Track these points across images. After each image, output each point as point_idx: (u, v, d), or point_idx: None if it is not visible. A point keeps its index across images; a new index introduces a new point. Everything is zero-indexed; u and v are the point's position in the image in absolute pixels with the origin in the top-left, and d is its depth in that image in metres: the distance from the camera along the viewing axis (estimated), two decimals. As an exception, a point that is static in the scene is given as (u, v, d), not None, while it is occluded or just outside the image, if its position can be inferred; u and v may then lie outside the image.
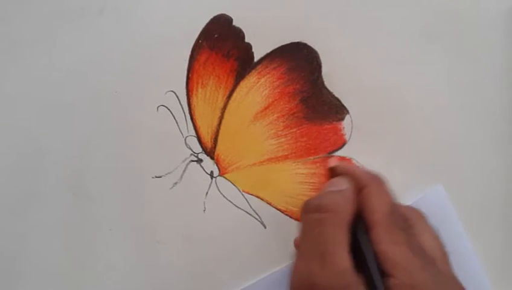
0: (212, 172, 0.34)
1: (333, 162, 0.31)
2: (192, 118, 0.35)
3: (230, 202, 0.34)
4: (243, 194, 0.34)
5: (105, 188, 0.34)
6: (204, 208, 0.34)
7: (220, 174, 0.34)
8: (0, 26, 0.36)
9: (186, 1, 0.36)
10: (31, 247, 0.33)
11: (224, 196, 0.34)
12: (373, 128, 0.34)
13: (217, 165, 0.34)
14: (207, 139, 0.35)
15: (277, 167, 0.34)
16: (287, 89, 0.35)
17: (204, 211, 0.34)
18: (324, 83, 0.35)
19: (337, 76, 0.35)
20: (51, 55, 0.35)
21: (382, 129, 0.34)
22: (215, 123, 0.35)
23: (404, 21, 0.35)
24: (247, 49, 0.35)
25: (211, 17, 0.35)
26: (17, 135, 0.35)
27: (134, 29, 0.36)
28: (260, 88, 0.35)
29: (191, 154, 0.34)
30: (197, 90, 0.35)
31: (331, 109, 0.34)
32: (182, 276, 0.33)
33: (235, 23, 0.35)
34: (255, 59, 0.35)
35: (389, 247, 0.24)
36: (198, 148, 0.34)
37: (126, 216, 0.34)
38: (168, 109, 0.35)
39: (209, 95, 0.35)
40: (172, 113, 0.35)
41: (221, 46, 0.35)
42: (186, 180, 0.34)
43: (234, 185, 0.34)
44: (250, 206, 0.34)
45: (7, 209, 0.34)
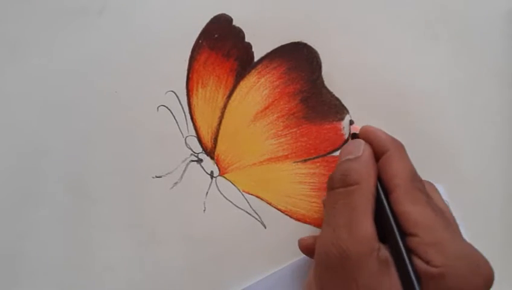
0: (212, 172, 0.34)
1: (355, 128, 0.31)
2: (192, 118, 0.35)
3: (230, 202, 0.34)
4: (243, 194, 0.34)
5: (105, 188, 0.34)
6: (204, 208, 0.34)
7: (220, 174, 0.34)
8: (0, 26, 0.36)
9: (186, 1, 0.36)
10: (30, 247, 0.33)
11: (224, 196, 0.34)
12: (373, 128, 0.34)
13: (217, 165, 0.34)
14: (207, 139, 0.35)
15: (277, 167, 0.34)
16: (287, 89, 0.35)
17: (204, 211, 0.34)
18: (324, 83, 0.35)
19: (337, 76, 0.35)
20: (51, 55, 0.35)
21: (382, 129, 0.34)
22: (215, 123, 0.35)
23: (404, 21, 0.35)
24: (247, 49, 0.35)
25: (211, 17, 0.35)
26: (17, 135, 0.35)
27: (134, 29, 0.36)
28: (260, 88, 0.35)
29: (191, 154, 0.34)
30: (197, 90, 0.35)
31: (331, 109, 0.34)
32: (182, 276, 0.33)
33: (235, 23, 0.35)
34: (255, 59, 0.35)
35: (411, 207, 0.25)
36: (198, 148, 0.34)
37: (126, 216, 0.34)
38: (168, 109, 0.35)
39: (209, 95, 0.35)
40: (172, 113, 0.35)
41: (221, 46, 0.35)
42: (186, 180, 0.34)
43: (234, 185, 0.34)
44: (250, 206, 0.34)
45: (7, 209, 0.34)
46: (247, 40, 0.35)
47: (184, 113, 0.35)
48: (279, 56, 0.35)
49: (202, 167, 0.34)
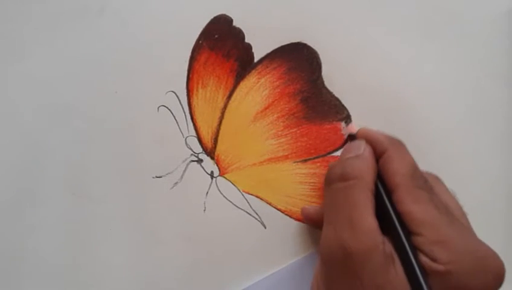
0: (212, 172, 0.34)
1: (352, 128, 0.31)
2: (192, 118, 0.35)
3: (230, 202, 0.34)
4: (243, 194, 0.34)
5: (105, 188, 0.34)
6: (204, 208, 0.34)
7: (220, 174, 0.34)
8: (0, 26, 0.36)
9: (186, 1, 0.36)
10: (30, 247, 0.33)
11: (224, 196, 0.34)
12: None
13: (217, 165, 0.34)
14: (207, 140, 0.35)
15: (277, 167, 0.34)
16: (287, 89, 0.35)
17: (204, 211, 0.34)
18: (324, 83, 0.35)
19: (337, 76, 0.35)
20: (51, 55, 0.35)
21: (382, 129, 0.34)
22: (216, 123, 0.35)
23: (404, 21, 0.35)
24: (247, 50, 0.35)
25: (211, 18, 0.35)
26: (17, 135, 0.35)
27: (134, 29, 0.36)
28: (260, 88, 0.35)
29: (191, 154, 0.34)
30: (197, 90, 0.35)
31: (331, 109, 0.34)
32: (181, 276, 0.33)
33: (235, 23, 0.35)
34: (255, 59, 0.35)
35: (413, 206, 0.24)
36: (198, 148, 0.34)
37: (126, 216, 0.34)
38: (169, 109, 0.35)
39: (210, 95, 0.35)
40: (172, 114, 0.35)
41: (222, 46, 0.35)
42: (187, 180, 0.34)
43: (234, 185, 0.34)
44: (250, 206, 0.34)
45: (7, 209, 0.34)
46: (247, 40, 0.35)
47: (184, 114, 0.35)
48: (279, 56, 0.35)
49: (202, 167, 0.34)
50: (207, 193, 0.34)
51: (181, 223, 0.33)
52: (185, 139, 0.34)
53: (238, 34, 0.35)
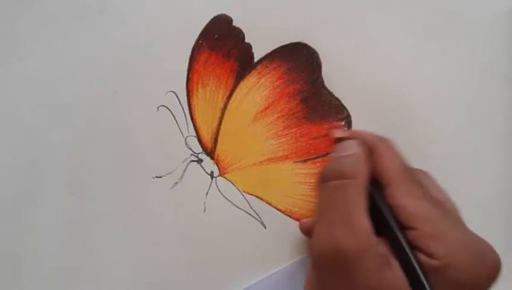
0: (212, 172, 0.34)
1: (339, 132, 0.31)
2: (192, 118, 0.35)
3: (230, 202, 0.34)
4: (243, 194, 0.34)
5: (105, 188, 0.34)
6: (204, 208, 0.34)
7: (220, 174, 0.34)
8: (0, 26, 0.36)
9: (186, 1, 0.36)
10: (30, 247, 0.33)
11: (224, 196, 0.34)
12: (373, 129, 0.34)
13: (217, 165, 0.34)
14: (207, 139, 0.35)
15: (277, 167, 0.34)
16: (287, 89, 0.35)
17: (204, 211, 0.34)
18: (324, 83, 0.35)
19: (337, 76, 0.35)
20: (51, 55, 0.35)
21: (382, 129, 0.34)
22: (215, 123, 0.35)
23: (404, 21, 0.35)
24: (247, 50, 0.35)
25: (211, 18, 0.35)
26: (17, 134, 0.35)
27: (134, 29, 0.36)
28: (260, 88, 0.35)
29: (191, 154, 0.34)
30: (197, 90, 0.35)
31: (331, 109, 0.34)
32: (181, 276, 0.33)
33: (235, 23, 0.35)
34: (255, 59, 0.35)
35: (407, 200, 0.24)
36: (198, 148, 0.34)
37: (126, 216, 0.34)
38: (169, 109, 0.35)
39: (209, 95, 0.35)
40: (172, 114, 0.35)
41: (221, 46, 0.35)
42: (187, 180, 0.34)
43: (234, 185, 0.34)
44: (250, 206, 0.34)
45: (7, 209, 0.34)
46: (247, 40, 0.35)
47: (184, 114, 0.35)
48: (279, 56, 0.35)
49: (202, 167, 0.34)
50: (207, 193, 0.34)
51: (181, 223, 0.33)
52: (185, 139, 0.35)
53: (238, 34, 0.35)
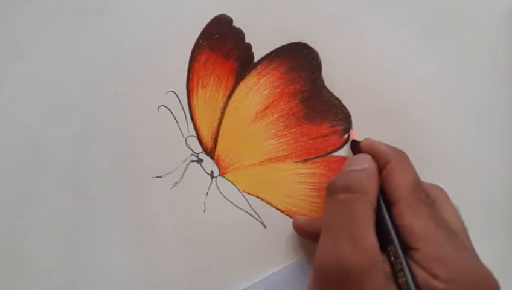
0: (212, 172, 0.34)
1: (354, 135, 0.31)
2: (192, 118, 0.35)
3: (230, 202, 0.34)
4: (243, 194, 0.34)
5: (105, 188, 0.34)
6: (204, 208, 0.34)
7: (220, 174, 0.34)
8: (1, 26, 0.36)
9: (186, 1, 0.36)
10: (30, 247, 0.33)
11: (224, 196, 0.34)
12: (373, 128, 0.34)
13: (217, 165, 0.34)
14: (207, 139, 0.35)
15: (277, 167, 0.34)
16: (287, 89, 0.35)
17: (204, 211, 0.34)
18: (324, 83, 0.35)
19: (337, 76, 0.35)
20: (51, 55, 0.35)
21: (382, 129, 0.34)
22: (216, 123, 0.35)
23: (404, 21, 0.35)
24: (247, 50, 0.35)
25: (211, 18, 0.35)
26: (17, 134, 0.35)
27: (134, 29, 0.36)
28: (260, 88, 0.35)
29: (191, 154, 0.34)
30: (198, 90, 0.35)
31: (331, 109, 0.34)
32: (181, 276, 0.33)
33: (235, 23, 0.35)
34: (255, 59, 0.35)
35: (413, 221, 0.24)
36: (198, 148, 0.34)
37: (126, 216, 0.34)
38: (169, 109, 0.35)
39: (210, 95, 0.35)
40: (172, 114, 0.35)
41: (222, 46, 0.35)
42: (187, 180, 0.34)
43: (234, 185, 0.34)
44: (250, 206, 0.34)
45: (7, 209, 0.34)
46: (247, 40, 0.35)
47: (184, 114, 0.35)
48: (279, 56, 0.35)
49: (202, 167, 0.34)
50: (207, 193, 0.34)
51: (181, 223, 0.33)
52: (185, 139, 0.34)
53: (238, 34, 0.35)
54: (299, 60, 0.35)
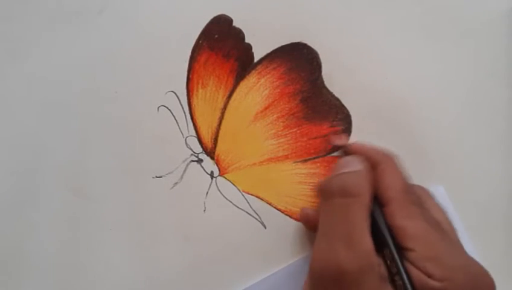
0: (212, 172, 0.34)
1: (339, 140, 0.31)
2: (192, 118, 0.35)
3: (230, 202, 0.34)
4: (243, 194, 0.34)
5: (105, 188, 0.34)
6: (204, 208, 0.34)
7: (220, 174, 0.34)
8: (0, 26, 0.36)
9: (186, 1, 0.36)
10: (30, 247, 0.33)
11: (224, 196, 0.34)
12: (373, 128, 0.34)
13: (217, 165, 0.34)
14: (207, 139, 0.35)
15: (277, 167, 0.34)
16: (287, 89, 0.35)
17: (205, 211, 0.34)
18: (324, 83, 0.35)
19: (337, 76, 0.35)
20: (51, 55, 0.35)
21: (382, 129, 0.34)
22: (216, 123, 0.35)
23: (404, 21, 0.35)
24: (247, 50, 0.35)
25: (211, 18, 0.35)
26: (17, 134, 0.35)
27: (134, 29, 0.36)
28: (260, 88, 0.35)
29: (191, 154, 0.34)
30: (197, 90, 0.35)
31: (331, 109, 0.34)
32: (181, 276, 0.33)
33: (235, 23, 0.35)
34: (255, 59, 0.35)
35: (406, 221, 0.24)
36: (198, 148, 0.34)
37: (126, 216, 0.34)
38: (169, 109, 0.35)
39: (210, 95, 0.35)
40: (172, 114, 0.35)
41: (221, 46, 0.35)
42: (187, 180, 0.34)
43: (234, 185, 0.34)
44: (250, 206, 0.34)
45: (7, 209, 0.34)
46: (247, 40, 0.35)
47: (184, 114, 0.35)
48: (279, 56, 0.35)
49: (202, 167, 0.34)
50: (207, 193, 0.34)
51: (181, 223, 0.33)
52: (185, 139, 0.35)
53: (238, 34, 0.35)
54: (299, 60, 0.35)
